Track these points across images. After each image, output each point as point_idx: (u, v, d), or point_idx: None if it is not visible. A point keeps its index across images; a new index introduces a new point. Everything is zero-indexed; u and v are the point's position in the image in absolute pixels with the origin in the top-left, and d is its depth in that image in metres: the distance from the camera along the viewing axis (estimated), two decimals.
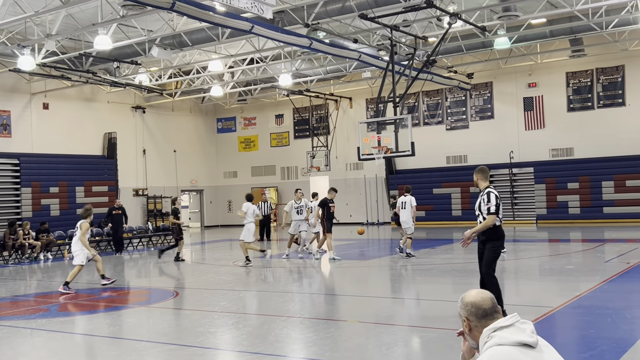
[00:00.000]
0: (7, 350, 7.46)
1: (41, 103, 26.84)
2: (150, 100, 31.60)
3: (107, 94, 29.22)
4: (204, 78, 28.10)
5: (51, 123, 26.96)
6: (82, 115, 28.31)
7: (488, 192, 7.82)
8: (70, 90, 27.26)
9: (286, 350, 7.10)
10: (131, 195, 30.58)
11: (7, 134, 25.55)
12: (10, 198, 25.22)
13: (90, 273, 15.59)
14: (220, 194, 36.01)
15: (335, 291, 11.76)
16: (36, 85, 26.36)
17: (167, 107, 32.64)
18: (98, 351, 7.34)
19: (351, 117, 31.78)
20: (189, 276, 14.81)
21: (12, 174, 25.40)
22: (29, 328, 8.66)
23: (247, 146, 35.76)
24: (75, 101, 28.15)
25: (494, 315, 2.73)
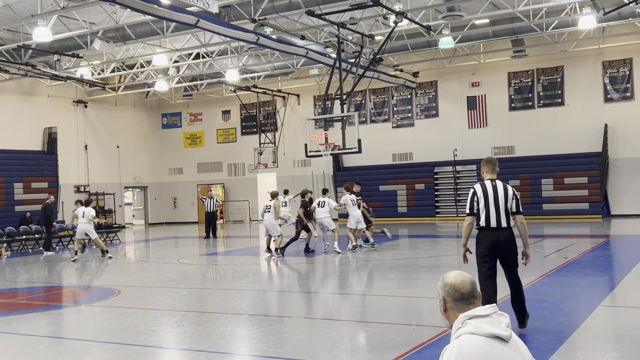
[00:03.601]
0: None
1: None
2: (93, 94, 30.80)
3: (48, 87, 28.34)
4: (148, 72, 27.58)
5: None
6: (20, 109, 27.38)
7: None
8: (9, 83, 26.31)
9: (231, 347, 7.04)
10: (72, 192, 29.75)
11: None
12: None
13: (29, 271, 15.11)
14: (165, 190, 35.45)
15: (281, 288, 11.74)
16: None
17: (110, 102, 31.90)
18: (35, 351, 7.10)
19: (299, 114, 31.77)
20: (132, 274, 14.52)
21: None
22: None
23: (193, 142, 35.30)
24: (14, 94, 27.20)
25: (472, 300, 2.70)
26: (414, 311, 8.88)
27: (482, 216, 6.71)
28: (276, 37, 19.91)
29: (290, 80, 30.91)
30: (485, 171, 6.92)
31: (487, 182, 6.81)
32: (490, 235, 6.71)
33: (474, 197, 6.75)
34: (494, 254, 6.73)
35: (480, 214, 6.71)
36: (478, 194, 6.74)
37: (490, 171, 6.88)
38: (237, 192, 33.81)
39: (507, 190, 6.75)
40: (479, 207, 6.72)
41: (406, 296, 10.37)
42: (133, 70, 26.32)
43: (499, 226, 6.68)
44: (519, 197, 6.82)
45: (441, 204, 28.51)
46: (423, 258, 14.58)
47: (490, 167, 6.90)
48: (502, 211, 6.66)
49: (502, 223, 6.67)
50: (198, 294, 11.18)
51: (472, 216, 6.76)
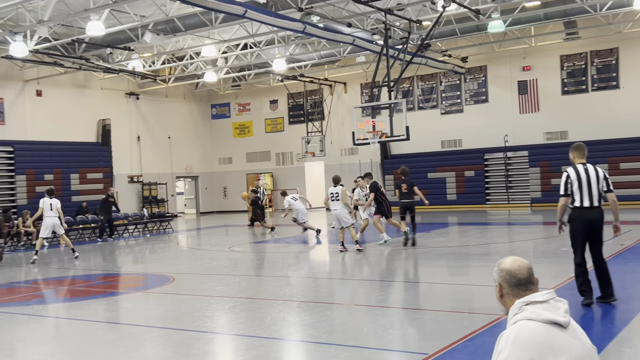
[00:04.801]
0: (4, 336, 7.48)
1: (34, 90, 26.70)
2: (144, 86, 31.45)
3: (101, 80, 29.07)
4: (198, 64, 27.97)
5: (45, 110, 26.83)
6: (75, 102, 28.18)
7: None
8: (63, 77, 27.10)
9: (282, 333, 7.14)
10: (126, 182, 30.53)
11: (1, 121, 25.43)
12: (5, 186, 25.15)
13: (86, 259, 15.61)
14: (216, 180, 35.97)
15: (332, 275, 11.81)
16: (29, 72, 26.21)
17: (161, 94, 32.50)
18: (95, 336, 7.37)
19: (346, 102, 31.73)
20: (186, 262, 14.84)
21: (7, 162, 25.32)
22: (25, 314, 8.68)
23: (241, 132, 35.69)
24: (69, 88, 28.01)
25: (528, 286, 2.67)
26: (465, 298, 8.81)
27: (576, 197, 7.41)
28: (323, 26, 19.90)
29: (337, 69, 30.85)
30: (575, 156, 7.56)
31: (579, 165, 7.46)
32: (585, 213, 7.39)
33: (568, 180, 7.45)
34: (587, 230, 7.43)
35: (575, 195, 7.41)
36: (572, 177, 7.41)
37: (580, 156, 7.53)
38: (285, 181, 34.03)
39: (598, 172, 7.41)
40: (572, 189, 7.41)
41: (457, 284, 10.30)
42: (183, 61, 26.74)
43: (592, 205, 7.35)
44: (609, 177, 7.49)
45: (492, 191, 28.09)
46: (474, 246, 14.42)
47: (580, 153, 7.56)
48: (595, 192, 7.34)
49: (595, 202, 7.35)
50: (249, 281, 11.36)
51: (566, 197, 7.48)
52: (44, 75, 26.40)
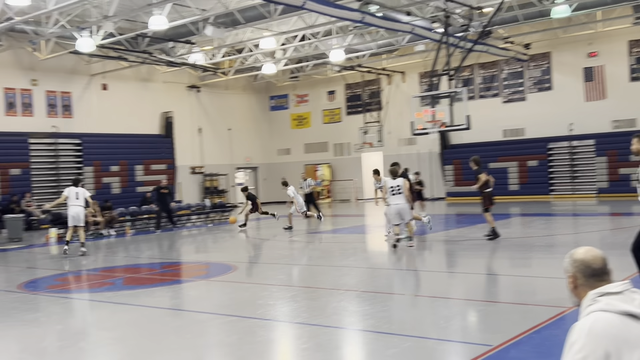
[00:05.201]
0: (76, 321, 7.80)
1: (100, 84, 27.58)
2: (205, 79, 32.02)
3: (163, 73, 29.75)
4: (257, 56, 28.25)
5: (110, 103, 27.70)
6: (139, 95, 28.96)
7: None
8: (128, 70, 27.87)
9: (344, 322, 7.18)
10: (188, 173, 31.22)
11: (69, 114, 26.40)
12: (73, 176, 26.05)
13: (151, 248, 16.06)
14: (274, 171, 36.32)
15: (392, 266, 11.78)
16: (95, 66, 27.08)
17: (221, 86, 33.02)
18: (162, 323, 7.60)
19: (404, 92, 31.45)
20: (247, 251, 15.08)
21: (75, 154, 26.30)
22: (96, 301, 9.02)
23: (299, 123, 35.90)
24: (133, 81, 28.79)
25: (603, 277, 2.60)
26: (529, 290, 8.64)
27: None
28: (381, 15, 19.77)
29: (395, 58, 30.62)
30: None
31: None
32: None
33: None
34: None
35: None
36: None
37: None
38: (343, 172, 34.08)
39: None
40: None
41: (520, 275, 10.11)
42: (242, 54, 27.08)
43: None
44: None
45: (556, 181, 27.37)
46: (537, 237, 14.11)
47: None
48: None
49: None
50: (310, 270, 11.46)
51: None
52: (109, 69, 27.23)
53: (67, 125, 26.12)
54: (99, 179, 26.47)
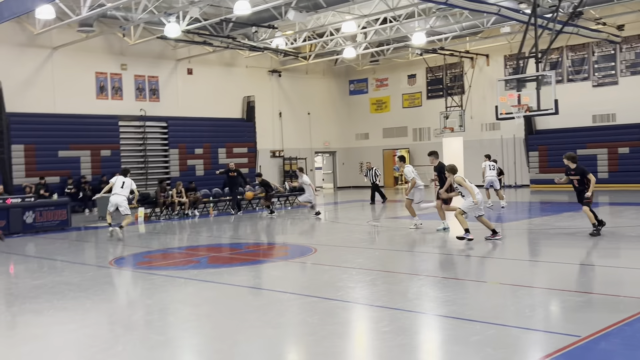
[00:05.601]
0: (164, 297, 8.12)
1: (185, 69, 28.36)
2: (286, 63, 32.32)
3: (246, 58, 30.25)
4: (337, 40, 28.23)
5: (195, 88, 28.46)
6: (222, 80, 29.59)
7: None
8: (212, 55, 28.51)
9: (425, 307, 7.13)
10: (268, 157, 31.72)
11: (156, 98, 27.32)
12: (160, 159, 27.09)
13: (234, 229, 16.46)
14: (353, 155, 36.35)
15: (474, 253, 11.57)
16: (181, 51, 27.85)
17: (301, 70, 33.25)
18: (245, 301, 7.79)
19: (488, 75, 30.65)
20: (326, 234, 15.20)
21: (161, 136, 27.24)
22: (182, 278, 9.35)
23: (378, 108, 35.68)
24: (217, 66, 29.44)
25: None
26: (618, 282, 8.28)
27: None
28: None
29: (479, 40, 29.85)
30: None
31: None
32: None
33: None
34: None
35: None
36: None
37: None
38: (422, 157, 33.64)
39: None
40: None
41: (609, 266, 9.71)
42: (323, 38, 27.13)
43: None
44: None
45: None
46: (628, 227, 13.48)
47: None
48: None
49: None
50: (389, 255, 11.43)
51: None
52: (194, 54, 27.95)
53: (154, 109, 27.06)
54: (183, 161, 27.33)
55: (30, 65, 23.78)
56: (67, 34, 23.82)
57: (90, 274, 9.93)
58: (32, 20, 22.74)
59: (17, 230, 16.20)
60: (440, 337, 5.93)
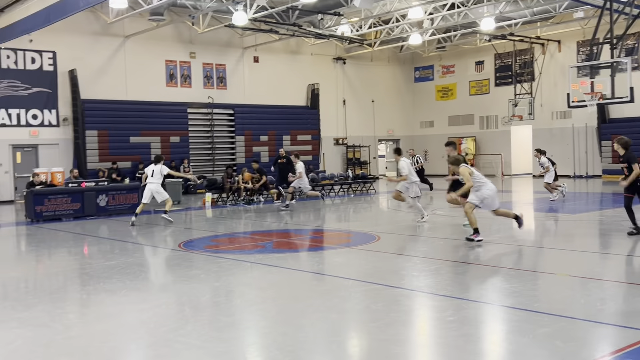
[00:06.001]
0: (231, 280, 8.31)
1: (252, 57, 28.72)
2: (350, 51, 32.25)
3: (311, 46, 30.35)
4: (403, 26, 27.93)
5: (261, 75, 28.80)
6: (288, 68, 29.82)
7: None
8: (278, 43, 28.74)
9: (491, 298, 7.04)
10: (332, 144, 31.81)
11: (223, 86, 27.81)
12: (226, 145, 27.61)
13: (296, 215, 16.63)
14: (417, 143, 35.98)
15: (541, 244, 11.31)
16: (248, 39, 28.21)
17: (366, 58, 33.09)
18: (310, 285, 7.89)
19: (559, 62, 29.72)
20: (389, 222, 15.17)
21: (228, 123, 27.75)
22: (248, 262, 9.55)
23: (444, 95, 35.16)
24: (282, 54, 29.67)
25: None
26: None
27: None
28: None
29: (550, 26, 28.92)
30: None
31: None
32: None
33: None
34: None
35: None
36: None
37: None
38: (489, 146, 33.01)
39: None
40: None
41: None
42: (389, 25, 26.90)
43: None
44: None
45: None
46: None
47: None
48: None
49: None
50: (453, 244, 11.30)
51: None
52: (261, 42, 28.25)
53: (221, 96, 27.57)
54: (249, 147, 27.76)
55: (103, 54, 24.63)
56: (138, 23, 24.52)
57: (160, 256, 10.26)
58: (106, 10, 23.51)
59: (90, 213, 16.91)
60: (506, 329, 5.85)
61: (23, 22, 19.28)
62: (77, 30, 23.70)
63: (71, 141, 24.11)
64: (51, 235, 13.58)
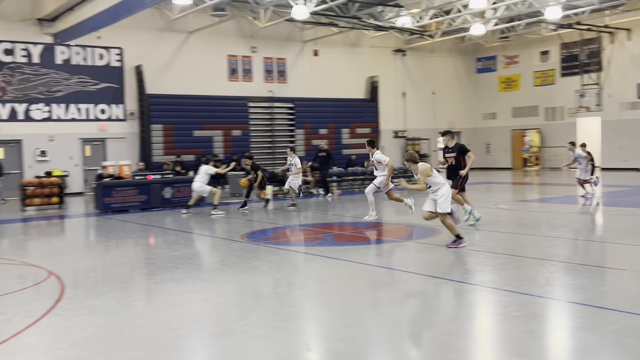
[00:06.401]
0: (292, 272, 8.41)
1: (311, 50, 28.83)
2: (411, 42, 31.94)
3: (371, 38, 30.21)
4: (465, 17, 27.45)
5: (320, 68, 28.88)
6: (347, 60, 29.79)
7: None
8: (337, 36, 28.75)
9: (557, 294, 6.87)
10: (391, 137, 31.62)
11: (283, 80, 28.04)
12: (286, 138, 27.83)
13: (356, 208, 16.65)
14: (479, 136, 35.38)
15: (608, 239, 10.95)
16: (307, 33, 28.33)
17: (426, 49, 32.70)
18: (371, 278, 7.90)
19: (629, 51, 28.59)
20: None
21: (288, 117, 27.98)
22: (309, 254, 9.62)
23: (507, 86, 34.39)
24: (341, 47, 29.66)
25: None
26: None
27: None
28: None
29: (620, 14, 27.83)
30: None
31: None
32: None
33: None
34: None
35: None
36: None
37: None
38: (554, 138, 32.11)
39: None
40: None
41: None
42: (450, 15, 26.48)
43: None
44: None
45: None
46: None
47: None
48: None
49: None
50: (518, 239, 11.08)
51: None
52: (320, 35, 28.32)
53: (281, 90, 27.81)
54: (308, 141, 27.92)
55: (168, 49, 25.22)
56: (201, 19, 24.99)
57: (224, 247, 10.47)
58: (170, 6, 24.06)
59: (156, 205, 17.39)
60: (574, 325, 5.70)
61: (92, 19, 19.94)
62: (143, 27, 24.35)
63: (137, 135, 24.83)
64: (119, 226, 14.04)
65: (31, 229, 14.63)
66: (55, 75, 23.28)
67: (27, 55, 22.71)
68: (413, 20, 26.99)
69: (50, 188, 18.37)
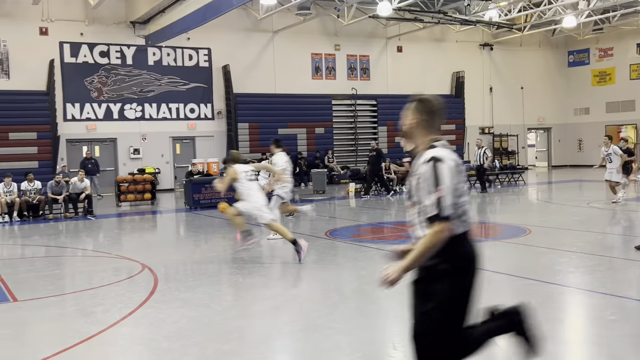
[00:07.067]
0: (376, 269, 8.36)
1: (395, 46, 28.64)
2: (498, 36, 31.11)
3: (456, 33, 29.65)
4: (556, 8, 26.44)
5: (404, 65, 28.62)
6: (432, 56, 29.38)
7: None
8: (422, 32, 28.40)
9: None
10: (477, 134, 30.91)
11: (367, 77, 28.00)
12: (369, 135, 27.77)
13: None
14: (570, 132, 34.00)
15: None
16: (391, 29, 28.14)
17: (514, 43, 31.75)
18: None
19: None
20: (540, 215, 14.50)
21: (371, 114, 27.92)
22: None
23: (601, 80, 32.85)
24: (426, 42, 29.28)
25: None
26: None
27: None
28: None
29: None
30: None
31: None
32: None
33: None
34: None
35: None
36: None
37: None
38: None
39: None
40: None
41: None
42: (540, 7, 25.60)
43: None
44: None
45: None
46: None
47: None
48: None
49: None
50: (612, 239, 10.59)
51: None
52: (404, 31, 28.06)
53: (364, 87, 27.77)
54: (391, 138, 27.73)
55: (253, 49, 25.73)
56: (286, 18, 25.33)
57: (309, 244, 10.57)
58: (256, 6, 24.52)
59: None
60: None
61: (181, 21, 20.62)
62: (230, 27, 24.95)
63: (224, 133, 25.49)
64: (208, 221, 14.47)
65: (125, 224, 15.34)
66: (147, 76, 24.25)
67: (121, 57, 23.78)
68: (501, 14, 26.27)
69: (143, 185, 19.18)
